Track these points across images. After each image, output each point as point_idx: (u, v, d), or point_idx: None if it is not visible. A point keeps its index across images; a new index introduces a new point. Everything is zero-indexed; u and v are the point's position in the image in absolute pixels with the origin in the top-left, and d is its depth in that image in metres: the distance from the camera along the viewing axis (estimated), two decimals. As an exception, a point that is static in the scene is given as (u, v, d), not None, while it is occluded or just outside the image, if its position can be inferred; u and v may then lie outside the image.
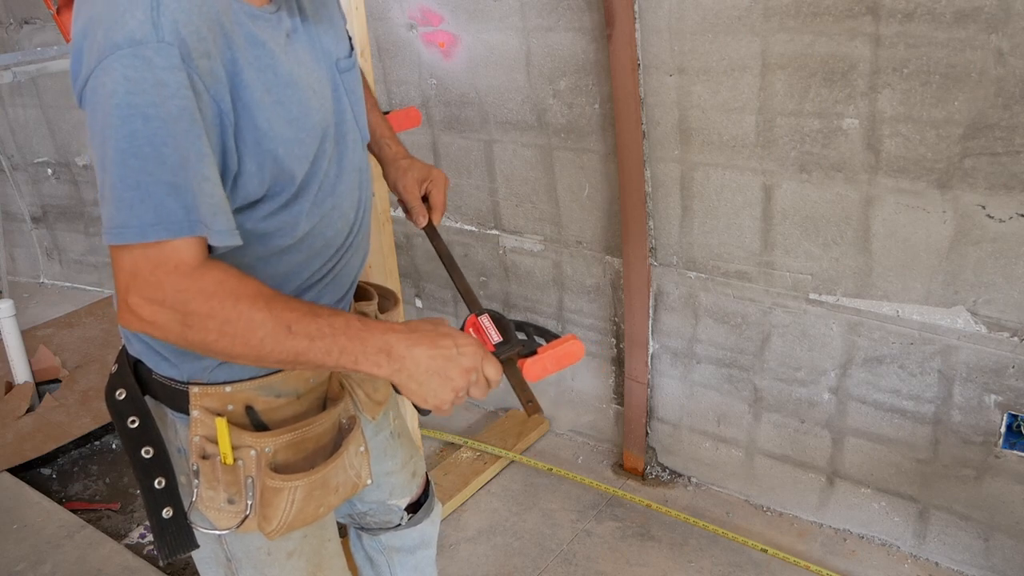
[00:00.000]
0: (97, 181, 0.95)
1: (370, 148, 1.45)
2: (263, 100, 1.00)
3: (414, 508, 1.55)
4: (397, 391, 1.08)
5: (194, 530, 1.18)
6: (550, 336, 1.21)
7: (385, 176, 1.48)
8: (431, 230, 1.45)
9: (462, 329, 1.17)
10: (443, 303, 3.16)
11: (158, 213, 0.90)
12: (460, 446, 2.79)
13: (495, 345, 1.16)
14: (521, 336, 1.20)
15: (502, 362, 1.11)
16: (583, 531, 2.42)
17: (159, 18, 0.89)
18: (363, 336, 0.99)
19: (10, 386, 3.15)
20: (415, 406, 1.07)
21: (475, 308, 1.24)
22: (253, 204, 1.05)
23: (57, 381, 3.26)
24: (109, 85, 0.89)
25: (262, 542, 1.22)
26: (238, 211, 1.04)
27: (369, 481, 1.30)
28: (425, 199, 1.46)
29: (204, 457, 1.14)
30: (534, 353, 1.17)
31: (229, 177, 1.00)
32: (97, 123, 0.92)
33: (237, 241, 0.98)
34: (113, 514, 2.63)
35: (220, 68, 0.95)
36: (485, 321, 1.20)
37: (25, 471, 2.77)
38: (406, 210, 1.46)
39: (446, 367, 1.02)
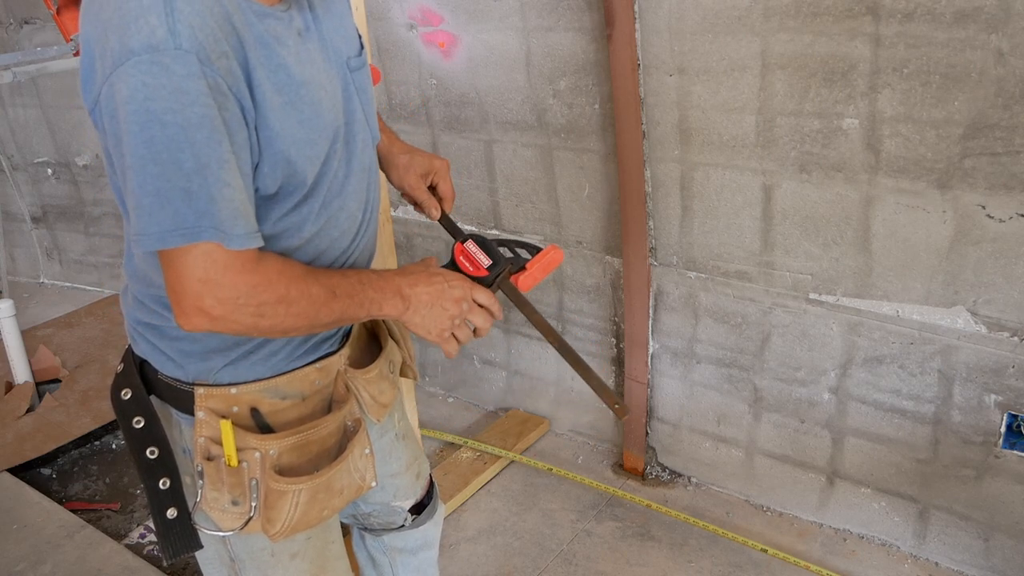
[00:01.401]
0: (111, 186, 0.98)
1: None
2: (275, 101, 1.00)
3: (418, 509, 1.55)
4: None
5: (198, 531, 1.17)
6: (532, 248, 1.33)
7: (386, 174, 1.46)
8: (446, 220, 1.44)
9: (451, 256, 1.30)
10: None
11: (175, 219, 0.92)
12: (460, 446, 2.79)
13: (487, 268, 1.27)
14: (507, 254, 1.32)
15: (498, 284, 1.27)
16: (583, 531, 2.42)
17: (175, 24, 0.89)
18: (381, 285, 1.14)
19: (10, 386, 3.14)
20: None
21: (459, 236, 1.32)
22: (267, 205, 1.06)
23: (57, 381, 3.26)
24: (125, 92, 0.89)
25: (266, 543, 1.22)
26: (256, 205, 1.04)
27: (374, 484, 1.30)
28: (432, 190, 1.44)
29: (208, 458, 1.14)
30: (523, 269, 1.30)
31: (252, 170, 1.01)
32: (116, 129, 0.92)
33: (258, 243, 0.99)
34: (113, 514, 2.63)
35: (237, 67, 0.95)
36: (471, 247, 1.30)
37: (25, 471, 2.77)
38: (415, 205, 1.44)
39: (440, 298, 1.18)
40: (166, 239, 0.93)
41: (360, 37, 1.26)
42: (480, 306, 1.23)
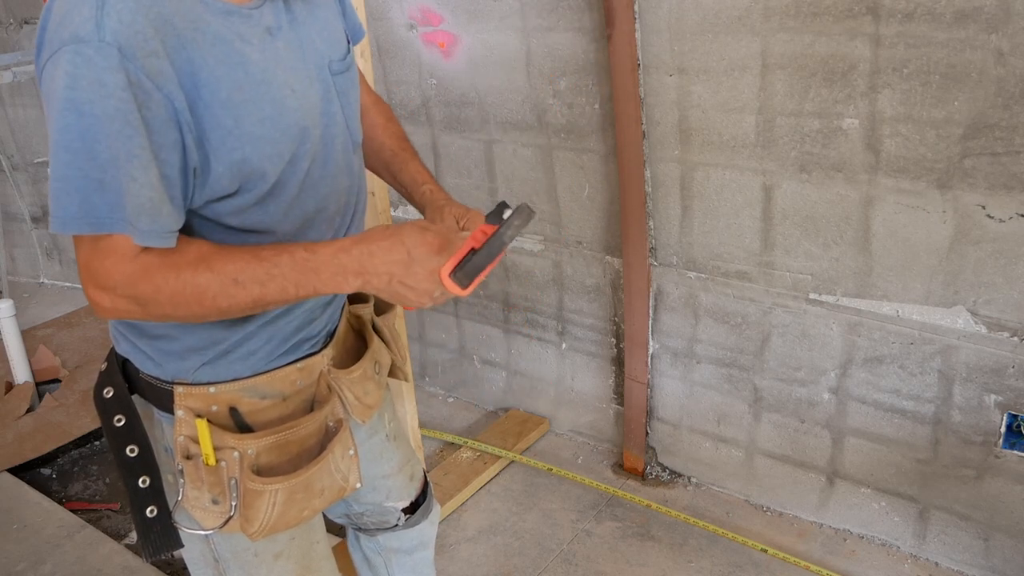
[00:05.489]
0: None
1: (410, 196, 1.41)
2: (231, 98, 0.99)
3: (411, 510, 1.55)
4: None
5: (179, 530, 1.18)
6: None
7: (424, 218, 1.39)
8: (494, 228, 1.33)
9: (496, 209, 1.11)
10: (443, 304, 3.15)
11: (82, 207, 0.93)
12: (460, 446, 2.79)
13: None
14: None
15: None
16: (583, 531, 2.42)
17: (102, 18, 0.90)
18: (314, 267, 1.01)
19: (10, 386, 3.15)
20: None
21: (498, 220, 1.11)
22: (229, 200, 1.05)
23: (57, 381, 3.27)
24: (56, 79, 0.92)
25: (249, 543, 1.22)
26: (212, 203, 1.04)
27: (358, 485, 1.29)
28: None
29: (188, 457, 1.14)
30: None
31: (190, 174, 1.00)
32: (47, 114, 0.95)
33: (168, 243, 0.98)
34: (113, 514, 2.63)
35: (170, 67, 0.95)
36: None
37: (25, 471, 2.77)
38: None
39: (405, 275, 1.04)
40: (69, 225, 0.93)
41: (349, 43, 1.24)
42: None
